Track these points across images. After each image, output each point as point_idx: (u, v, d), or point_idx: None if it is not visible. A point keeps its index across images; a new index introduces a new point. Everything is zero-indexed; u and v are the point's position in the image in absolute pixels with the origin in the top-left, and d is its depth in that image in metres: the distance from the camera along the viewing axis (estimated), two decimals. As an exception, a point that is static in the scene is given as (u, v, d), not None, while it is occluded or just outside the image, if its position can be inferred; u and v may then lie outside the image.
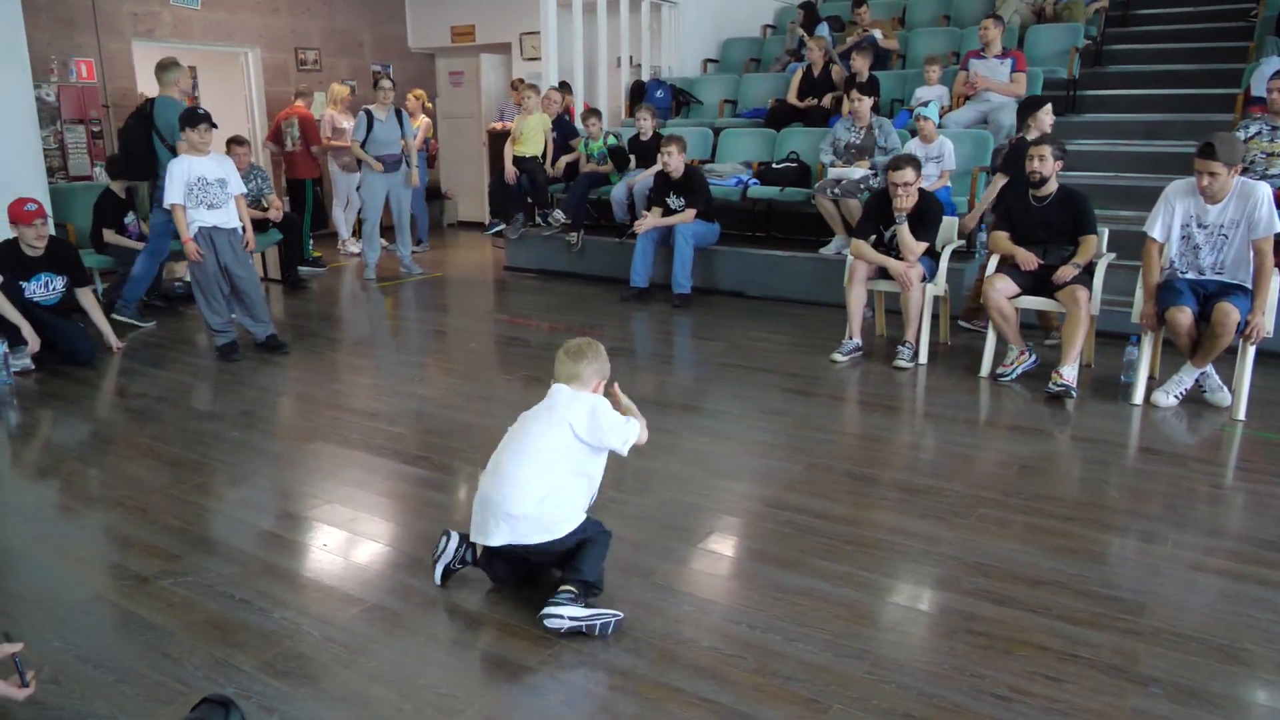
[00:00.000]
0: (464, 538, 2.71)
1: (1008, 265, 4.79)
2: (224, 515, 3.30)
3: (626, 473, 3.75)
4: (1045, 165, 4.61)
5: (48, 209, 5.81)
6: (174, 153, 5.89)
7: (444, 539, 2.72)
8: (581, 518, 2.61)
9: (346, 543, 3.10)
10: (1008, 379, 4.76)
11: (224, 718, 1.82)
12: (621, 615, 2.49)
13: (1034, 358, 4.83)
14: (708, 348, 5.68)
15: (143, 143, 6.05)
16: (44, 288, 5.25)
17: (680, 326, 6.25)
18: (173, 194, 5.08)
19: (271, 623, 2.54)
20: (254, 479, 3.68)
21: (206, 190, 5.14)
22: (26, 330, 5.00)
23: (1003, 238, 4.82)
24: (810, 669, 2.30)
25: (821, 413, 4.41)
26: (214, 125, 5.23)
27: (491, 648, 2.43)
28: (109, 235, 6.53)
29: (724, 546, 3.04)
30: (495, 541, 2.55)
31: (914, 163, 5.03)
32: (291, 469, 3.79)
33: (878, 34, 8.54)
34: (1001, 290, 4.67)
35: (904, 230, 5.02)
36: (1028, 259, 4.67)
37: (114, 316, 5.96)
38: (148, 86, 9.53)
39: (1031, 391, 4.60)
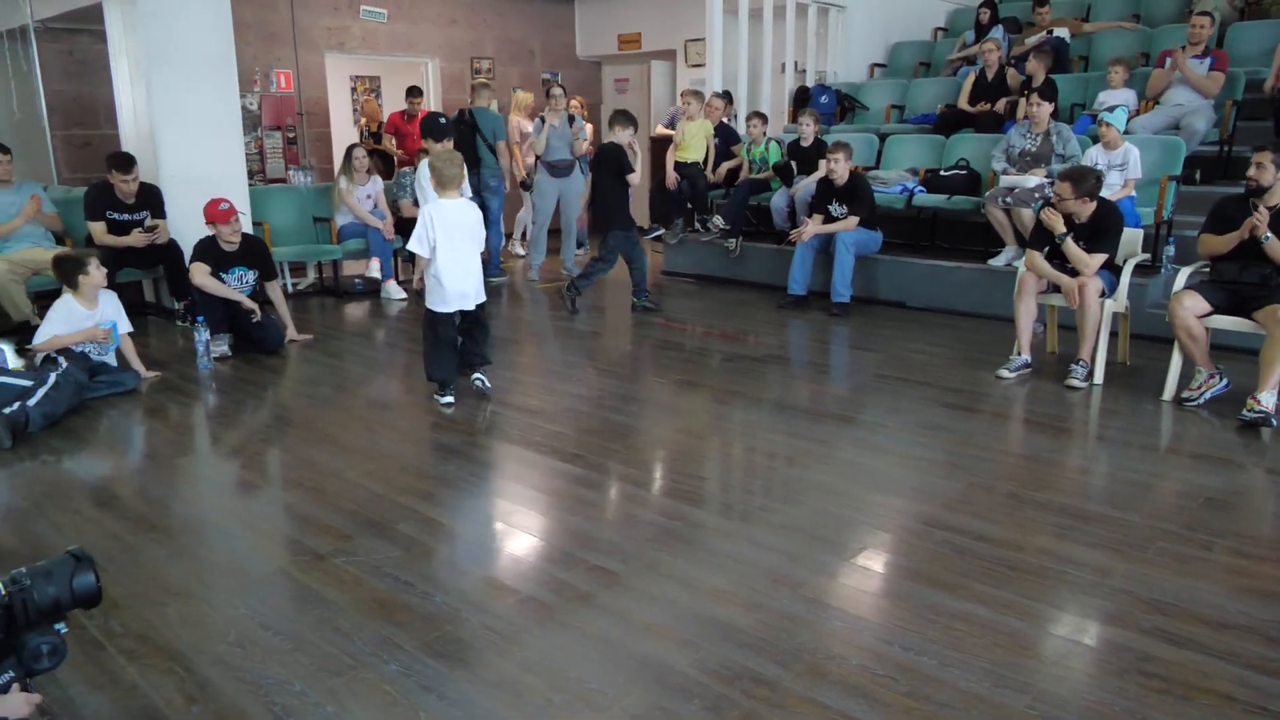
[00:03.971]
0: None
1: (1200, 282, 4.45)
2: (391, 501, 3.47)
3: (777, 482, 3.72)
4: (1264, 174, 4.24)
5: (248, 209, 6.29)
6: (493, 152, 7.59)
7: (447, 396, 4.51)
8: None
9: (504, 534, 3.21)
10: (1194, 404, 4.42)
11: (69, 571, 1.60)
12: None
13: (1225, 381, 4.47)
14: (865, 358, 5.56)
15: (469, 144, 7.23)
16: (238, 280, 5.67)
17: (837, 336, 6.14)
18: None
19: (433, 606, 2.66)
20: (419, 468, 3.86)
21: None
22: (247, 303, 5.53)
23: (1212, 237, 4.47)
24: (966, 698, 2.21)
25: (985, 430, 4.23)
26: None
27: (639, 646, 2.46)
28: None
29: (877, 563, 2.97)
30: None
31: (1075, 178, 4.71)
32: (454, 460, 3.96)
33: (1065, 31, 8.12)
34: (1190, 308, 4.34)
35: (1069, 245, 4.75)
36: (1247, 226, 4.28)
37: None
38: (335, 95, 10.22)
39: (1221, 418, 4.26)
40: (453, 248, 4.33)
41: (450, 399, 4.54)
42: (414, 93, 9.23)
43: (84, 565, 1.61)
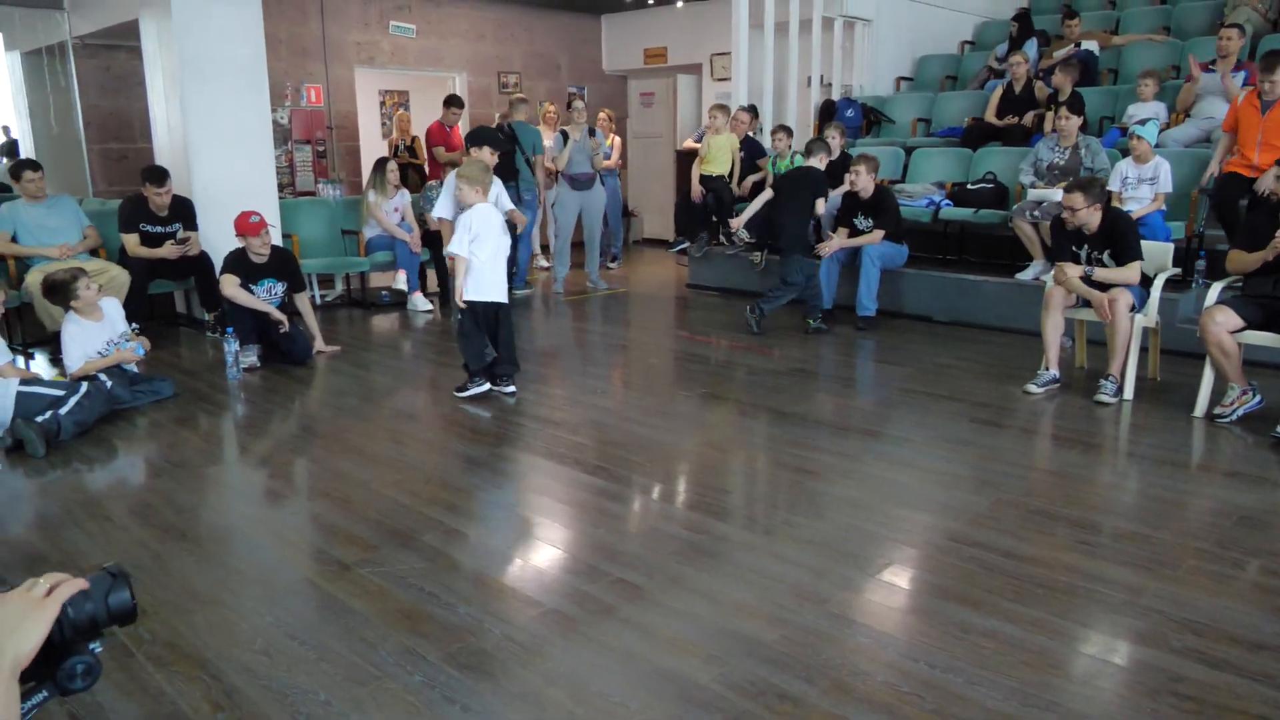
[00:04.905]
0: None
1: (1232, 297, 4.39)
2: (417, 511, 3.49)
3: (801, 496, 3.70)
4: (1283, 186, 4.19)
5: (278, 221, 6.36)
6: (530, 165, 7.75)
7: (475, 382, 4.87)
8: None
9: (527, 546, 3.22)
10: (1226, 420, 4.35)
11: (105, 589, 1.62)
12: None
13: (1258, 398, 4.40)
14: (891, 372, 5.53)
15: (508, 158, 7.28)
16: (267, 292, 5.73)
17: (863, 349, 6.11)
18: (443, 210, 5.31)
19: (456, 618, 2.66)
20: (444, 479, 3.88)
21: None
22: (276, 314, 5.58)
23: (1241, 254, 4.41)
24: (993, 716, 2.18)
25: (1012, 446, 4.19)
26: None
27: (662, 660, 2.45)
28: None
29: (902, 579, 2.94)
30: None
31: (1084, 186, 4.68)
32: (479, 472, 3.98)
33: (1094, 44, 8.06)
34: (1223, 323, 4.29)
35: (1100, 275, 4.73)
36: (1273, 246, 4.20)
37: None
38: (364, 109, 10.33)
39: (1254, 435, 4.19)
40: (490, 243, 4.80)
41: (485, 386, 4.93)
42: (454, 102, 8.81)
43: (120, 582, 1.63)
